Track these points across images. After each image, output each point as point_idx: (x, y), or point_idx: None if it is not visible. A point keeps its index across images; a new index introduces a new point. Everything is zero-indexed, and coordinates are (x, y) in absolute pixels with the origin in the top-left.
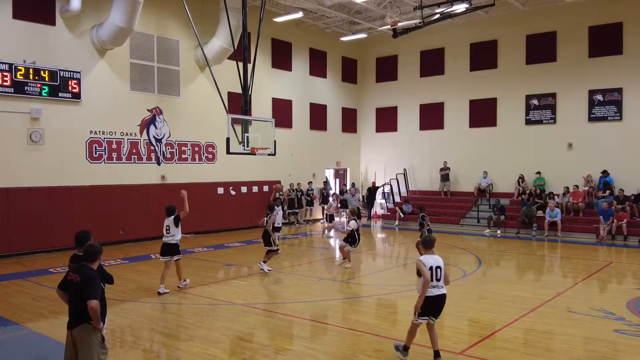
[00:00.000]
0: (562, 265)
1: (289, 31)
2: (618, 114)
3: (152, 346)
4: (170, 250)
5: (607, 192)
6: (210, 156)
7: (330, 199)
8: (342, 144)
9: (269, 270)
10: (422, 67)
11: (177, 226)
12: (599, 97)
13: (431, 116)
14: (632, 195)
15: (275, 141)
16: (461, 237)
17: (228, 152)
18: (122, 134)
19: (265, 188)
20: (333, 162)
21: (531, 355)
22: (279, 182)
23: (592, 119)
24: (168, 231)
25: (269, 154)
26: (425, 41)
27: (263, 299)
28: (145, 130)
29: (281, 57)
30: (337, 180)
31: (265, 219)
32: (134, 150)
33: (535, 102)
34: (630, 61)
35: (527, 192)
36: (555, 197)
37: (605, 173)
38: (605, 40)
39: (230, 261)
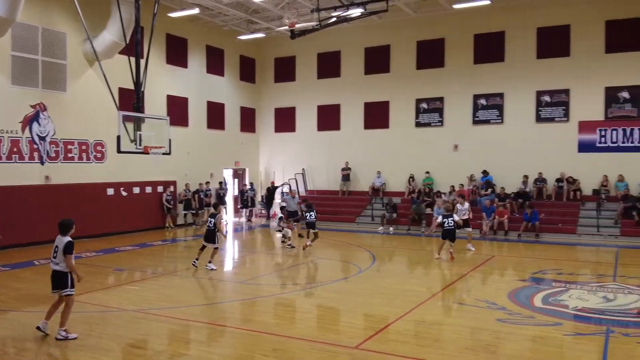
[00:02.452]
0: (449, 259)
1: (185, 27)
2: (500, 118)
3: (37, 358)
4: (58, 281)
5: (489, 190)
6: (99, 155)
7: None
8: (240, 144)
9: (214, 268)
10: (320, 69)
11: (69, 253)
12: (483, 101)
13: (329, 117)
14: (512, 193)
15: (170, 140)
16: (357, 235)
17: (119, 151)
18: (1, 131)
19: (160, 188)
20: (231, 162)
21: (422, 346)
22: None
23: (476, 122)
24: (55, 255)
25: (163, 153)
26: (322, 43)
27: (157, 304)
28: (28, 127)
29: (176, 54)
30: (236, 180)
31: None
32: (15, 149)
33: (424, 105)
34: (510, 68)
35: (417, 191)
36: (443, 195)
37: (485, 173)
38: (489, 48)
39: (121, 266)
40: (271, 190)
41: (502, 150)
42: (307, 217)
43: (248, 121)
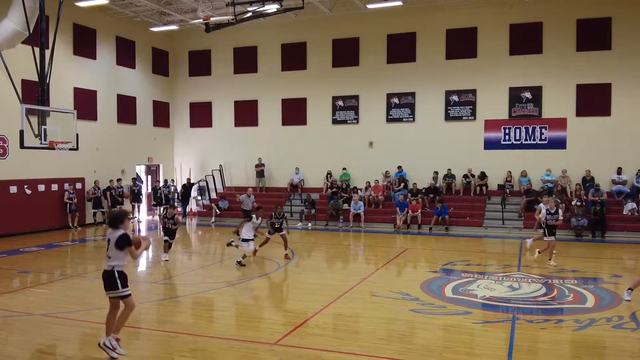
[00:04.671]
0: (366, 253)
1: (94, 17)
2: (411, 116)
3: None
4: (108, 281)
5: (402, 185)
6: (0, 151)
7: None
8: (153, 139)
9: (165, 259)
10: (236, 64)
11: (127, 245)
12: (396, 100)
13: (246, 113)
14: (423, 188)
15: (77, 134)
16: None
17: (22, 147)
18: None
19: (66, 186)
20: (144, 158)
21: (340, 338)
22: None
23: (389, 120)
24: (107, 251)
25: (70, 149)
26: (238, 38)
27: (67, 307)
28: None
29: (84, 44)
30: (149, 177)
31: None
32: None
33: (340, 103)
34: (421, 68)
35: (335, 186)
36: (359, 191)
37: (399, 169)
38: (401, 48)
39: (26, 268)
40: (187, 187)
41: (414, 147)
42: (276, 223)
43: (161, 116)
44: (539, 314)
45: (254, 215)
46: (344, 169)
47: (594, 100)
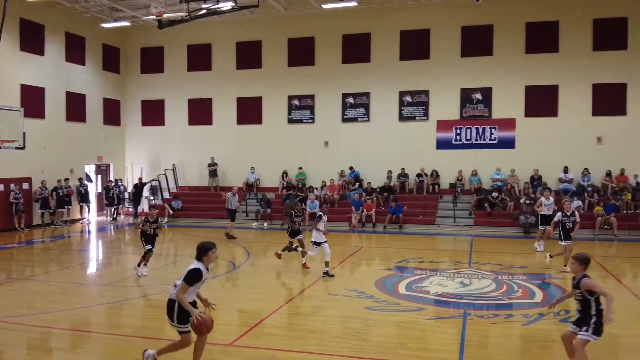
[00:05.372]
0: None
1: (42, 12)
2: (366, 116)
3: None
4: (169, 309)
5: (357, 184)
6: None
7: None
8: (104, 137)
9: (143, 274)
10: (190, 62)
11: (185, 281)
12: (351, 100)
13: (200, 111)
14: (378, 187)
15: (24, 133)
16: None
17: None
18: None
19: (12, 186)
20: (94, 157)
21: (296, 338)
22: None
23: (345, 119)
24: None
25: (16, 148)
26: (192, 35)
27: (13, 311)
28: None
29: (32, 40)
30: (99, 176)
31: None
32: None
33: (296, 102)
34: (376, 68)
35: (291, 186)
36: (315, 190)
37: (351, 169)
38: (356, 49)
39: None
40: (139, 187)
41: (369, 146)
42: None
43: (112, 113)
44: (489, 309)
45: (321, 214)
46: (300, 168)
47: (542, 101)
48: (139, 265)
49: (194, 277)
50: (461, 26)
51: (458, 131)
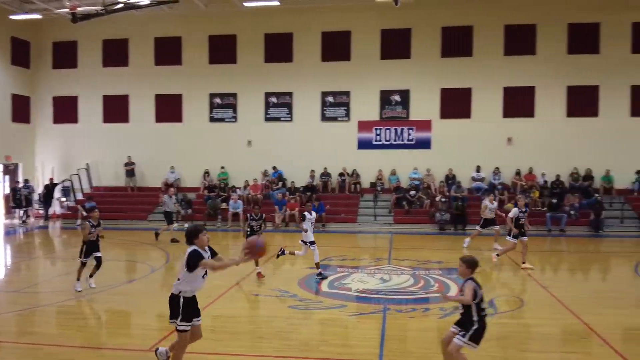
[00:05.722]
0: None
1: None
2: (289, 116)
3: None
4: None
5: (280, 183)
6: None
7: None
8: (12, 136)
9: (91, 286)
10: (105, 57)
11: (198, 261)
12: (274, 99)
13: (116, 108)
14: (301, 187)
15: None
16: (149, 233)
17: None
18: None
19: None
20: (0, 156)
21: (219, 340)
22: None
23: (268, 119)
24: None
25: None
26: (108, 30)
27: None
28: None
29: None
30: (7, 177)
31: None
32: None
33: (218, 100)
34: (298, 68)
35: (212, 186)
36: (237, 190)
37: (274, 169)
38: (279, 48)
39: None
40: (50, 188)
41: (292, 146)
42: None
43: (21, 110)
44: (407, 304)
45: (306, 213)
46: (222, 167)
47: (456, 103)
48: (79, 279)
49: (197, 254)
50: (381, 29)
51: (378, 132)
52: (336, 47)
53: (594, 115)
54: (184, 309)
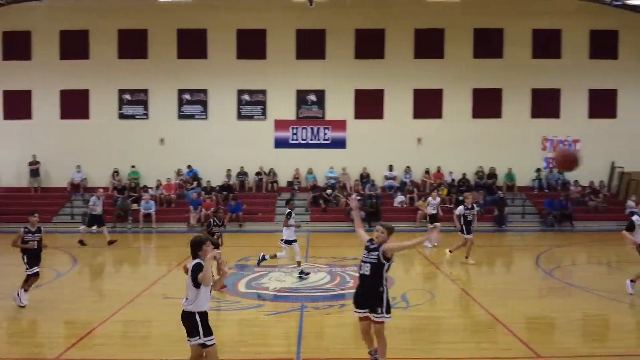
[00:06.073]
0: (158, 254)
1: None
2: (204, 113)
3: None
4: (187, 324)
5: (195, 183)
6: None
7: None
8: None
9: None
10: (5, 50)
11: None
12: (188, 96)
13: (17, 104)
14: (217, 186)
15: None
16: (55, 236)
17: None
18: None
19: None
20: None
21: (130, 345)
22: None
23: (181, 116)
24: None
25: None
26: (9, 21)
27: None
28: None
29: None
30: None
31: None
32: None
33: (128, 96)
34: (213, 65)
35: (122, 186)
36: (149, 190)
37: (189, 167)
38: (192, 44)
39: None
40: None
41: (207, 144)
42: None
43: None
44: (324, 301)
45: (290, 211)
46: (133, 166)
47: (370, 104)
48: (25, 290)
49: (200, 267)
50: (296, 29)
51: (295, 131)
52: (252, 45)
53: (498, 116)
54: (203, 323)
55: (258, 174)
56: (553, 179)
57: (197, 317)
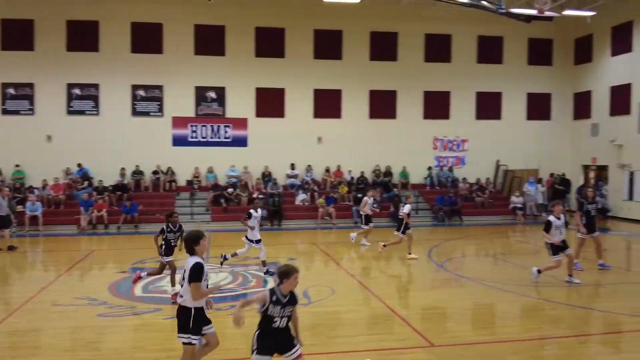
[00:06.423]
0: (45, 259)
1: None
2: (95, 109)
3: None
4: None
5: (86, 183)
6: None
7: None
8: None
9: None
10: None
11: (194, 280)
12: (78, 91)
13: None
14: (110, 185)
15: None
16: None
17: None
18: None
19: None
20: None
21: (17, 357)
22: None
23: (70, 112)
24: (182, 283)
25: None
26: None
27: None
28: None
29: None
30: None
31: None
32: None
33: (11, 91)
34: (104, 59)
35: (7, 186)
36: (35, 190)
37: (79, 166)
38: (82, 36)
39: None
40: None
41: (99, 142)
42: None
43: None
44: (226, 301)
45: (252, 211)
46: (17, 165)
47: (271, 103)
48: None
49: (199, 271)
50: (194, 24)
51: (194, 128)
52: (147, 39)
53: (393, 117)
54: (194, 320)
55: (155, 172)
56: (443, 177)
57: (192, 313)
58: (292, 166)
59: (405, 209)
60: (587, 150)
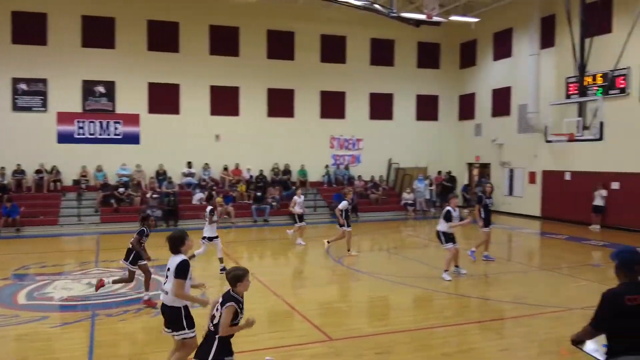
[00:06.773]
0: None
1: None
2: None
3: None
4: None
5: None
6: None
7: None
8: None
9: None
10: None
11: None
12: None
13: None
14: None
15: None
16: None
17: None
18: None
19: None
20: None
21: None
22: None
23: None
24: (166, 280)
25: None
26: None
27: None
28: None
29: None
30: None
31: None
32: None
33: None
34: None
35: None
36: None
37: None
38: (29, 30)
39: None
40: None
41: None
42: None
43: None
44: (118, 307)
45: (212, 207)
46: None
47: (165, 98)
48: None
49: (185, 268)
50: (81, 15)
51: (81, 125)
52: (29, 29)
53: (291, 116)
54: (186, 315)
55: (38, 171)
56: (340, 175)
57: (183, 311)
58: (189, 164)
59: (341, 205)
60: (472, 149)
